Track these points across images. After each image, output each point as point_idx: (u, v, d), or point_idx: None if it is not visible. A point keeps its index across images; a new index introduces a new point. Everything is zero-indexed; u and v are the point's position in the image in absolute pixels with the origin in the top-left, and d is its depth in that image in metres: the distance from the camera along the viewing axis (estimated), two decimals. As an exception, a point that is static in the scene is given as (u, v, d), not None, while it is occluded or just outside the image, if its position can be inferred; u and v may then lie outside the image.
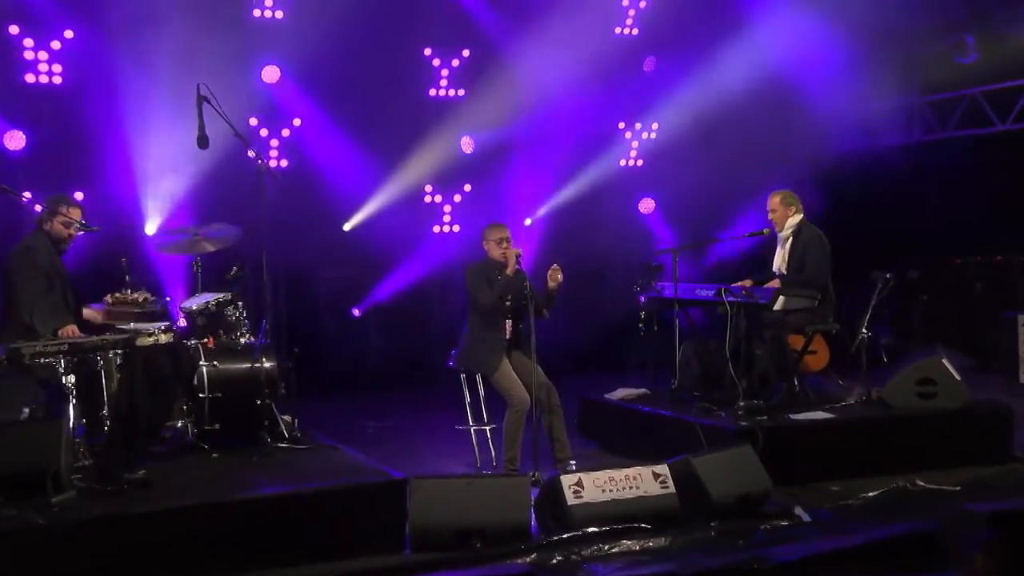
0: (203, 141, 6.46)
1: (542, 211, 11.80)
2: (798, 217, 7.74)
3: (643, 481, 5.99)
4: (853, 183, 11.61)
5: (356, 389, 10.78)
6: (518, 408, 6.81)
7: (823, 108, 11.29)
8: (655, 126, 12.36)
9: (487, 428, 7.26)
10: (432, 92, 11.32)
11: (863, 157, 11.71)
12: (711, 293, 7.61)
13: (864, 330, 7.52)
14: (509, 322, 7.06)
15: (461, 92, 11.37)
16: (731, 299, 7.37)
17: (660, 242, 12.48)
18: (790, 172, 10.95)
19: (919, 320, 11.71)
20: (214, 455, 6.30)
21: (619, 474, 5.98)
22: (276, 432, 6.48)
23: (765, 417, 6.94)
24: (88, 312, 6.41)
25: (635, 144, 12.42)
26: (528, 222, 11.83)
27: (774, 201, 7.73)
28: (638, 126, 12.42)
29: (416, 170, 11.16)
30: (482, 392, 7.16)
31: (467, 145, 11.48)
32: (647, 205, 12.73)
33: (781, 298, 7.25)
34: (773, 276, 7.83)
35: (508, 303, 7.01)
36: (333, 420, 8.63)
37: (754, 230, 8.02)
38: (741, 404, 7.09)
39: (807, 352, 7.88)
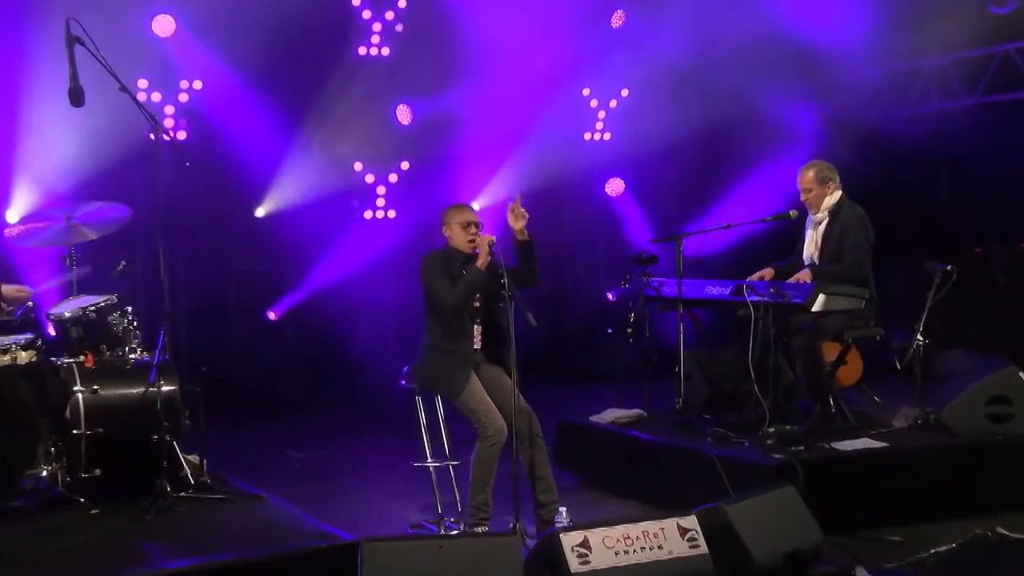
0: (76, 96, 5.50)
1: (490, 194, 11.34)
2: (837, 195, 6.99)
3: (667, 539, 5.08)
4: (858, 159, 10.84)
5: (273, 411, 10.19)
6: (493, 440, 5.95)
7: (828, 70, 10.98)
8: (625, 92, 12.02)
9: (451, 464, 6.36)
10: (362, 51, 10.89)
11: (870, 128, 11.22)
12: (727, 291, 6.86)
13: (919, 337, 6.81)
14: (479, 327, 6.22)
15: (395, 51, 10.95)
16: (755, 298, 6.59)
17: (631, 229, 12.11)
18: (790, 146, 10.82)
19: (934, 317, 10.93)
20: (94, 512, 5.56)
21: (635, 530, 5.07)
22: (179, 478, 5.79)
23: (802, 447, 6.19)
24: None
25: (601, 114, 12.09)
26: (475, 207, 10.85)
27: (807, 177, 6.97)
28: (603, 94, 12.07)
29: (343, 145, 10.77)
30: (441, 413, 6.36)
31: (404, 115, 11.11)
32: (615, 186, 12.39)
33: (821, 297, 6.45)
34: (799, 265, 7.07)
35: (477, 303, 6.17)
36: (246, 452, 8.22)
37: (776, 212, 7.28)
38: (771, 430, 6.33)
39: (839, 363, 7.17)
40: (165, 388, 5.81)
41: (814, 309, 6.43)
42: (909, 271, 8.07)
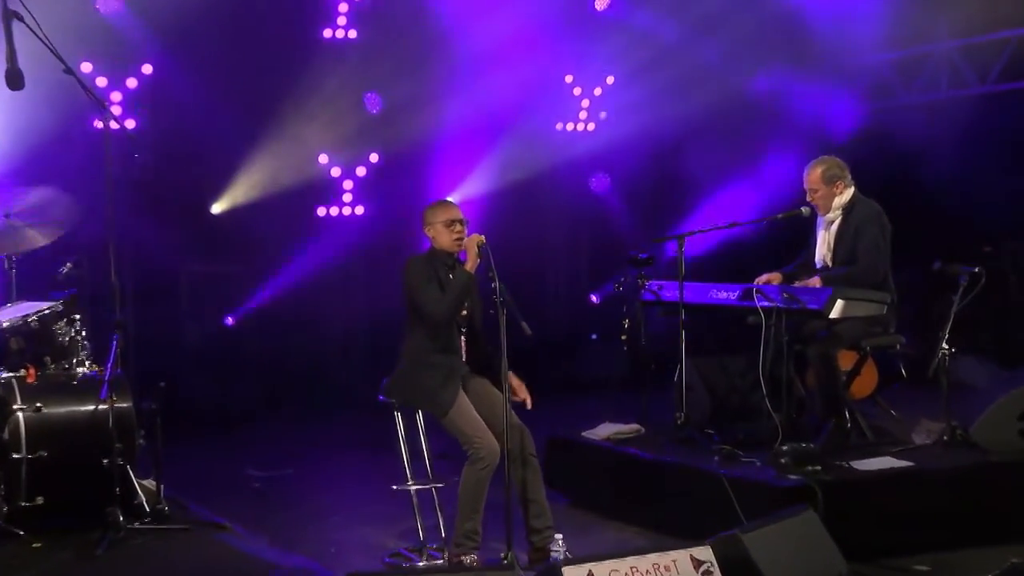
0: (14, 78, 5.27)
1: (467, 189, 11.30)
2: (848, 192, 6.84)
3: (680, 572, 4.88)
4: (862, 152, 10.76)
5: (231, 426, 10.05)
6: (485, 462, 5.73)
7: (831, 55, 11.04)
8: (610, 80, 11.95)
9: (433, 487, 6.16)
10: (327, 33, 10.74)
11: (874, 119, 11.29)
12: (734, 295, 6.70)
13: (945, 346, 6.66)
14: (464, 338, 6.06)
15: (364, 34, 10.82)
16: (766, 304, 6.43)
17: (617, 227, 12.03)
18: (791, 137, 10.72)
19: (943, 322, 10.86)
20: (36, 545, 5.41)
21: (644, 562, 4.85)
22: (133, 507, 5.63)
23: (819, 467, 6.02)
24: None
25: (585, 103, 12.01)
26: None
27: (813, 176, 6.83)
28: (587, 81, 12.00)
29: (307, 135, 10.61)
30: (422, 428, 6.19)
31: (373, 103, 10.97)
32: (600, 181, 12.33)
33: (840, 302, 6.27)
34: (810, 269, 6.98)
35: (464, 311, 6.01)
36: (203, 473, 8.04)
37: (786, 210, 7.06)
38: (784, 448, 6.12)
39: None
40: (118, 405, 5.61)
41: (832, 315, 6.27)
42: (910, 271, 8.00)
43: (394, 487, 6.16)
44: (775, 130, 11.03)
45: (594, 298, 12.02)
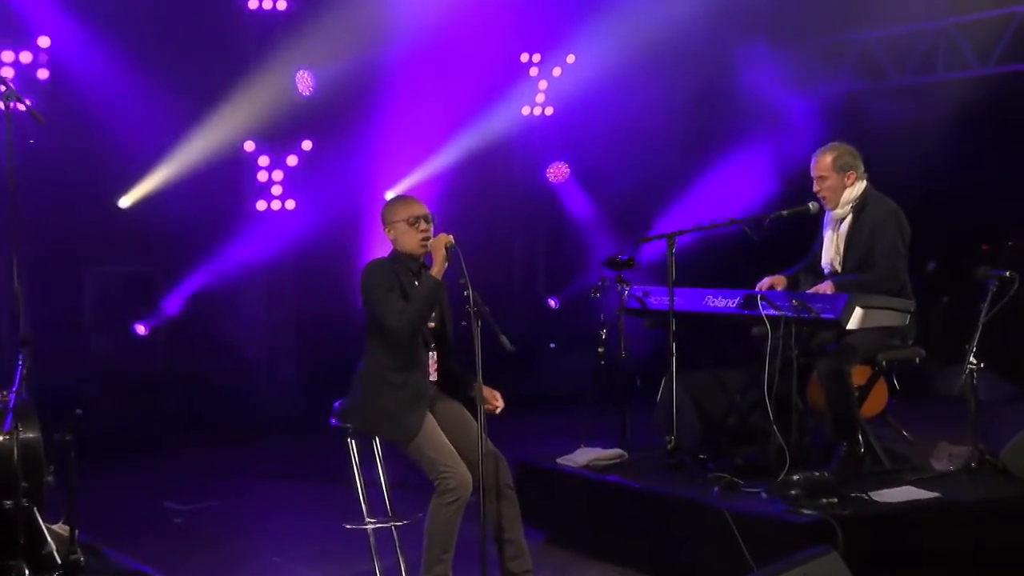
0: None
1: (412, 180, 11.35)
2: (860, 186, 6.65)
3: None
4: (849, 139, 10.77)
5: (143, 451, 9.88)
6: (455, 494, 5.54)
7: (816, 32, 11.14)
8: (571, 59, 11.99)
9: (393, 525, 5.95)
10: (253, 3, 10.69)
11: (862, 103, 11.30)
12: (734, 303, 6.47)
13: (973, 360, 6.48)
14: (434, 354, 5.85)
15: (295, 5, 10.77)
16: (772, 313, 6.18)
17: (578, 223, 12.12)
18: (770, 124, 10.93)
19: (937, 329, 10.92)
20: None
21: None
22: (41, 557, 5.36)
23: (835, 499, 5.77)
24: None
25: (543, 84, 12.06)
26: (391, 195, 11.02)
27: (823, 163, 6.62)
28: (545, 60, 12.06)
29: (230, 119, 10.50)
30: (379, 455, 5.98)
31: (305, 83, 10.90)
32: (559, 171, 12.37)
33: (858, 311, 6.06)
34: (817, 273, 6.78)
35: (432, 323, 5.82)
36: (115, 508, 7.88)
37: (795, 206, 6.77)
38: (795, 478, 5.89)
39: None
40: (24, 436, 5.35)
41: (850, 326, 6.07)
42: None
43: (347, 525, 5.99)
44: (755, 115, 11.09)
45: (552, 302, 12.06)
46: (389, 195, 11.17)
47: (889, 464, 6.52)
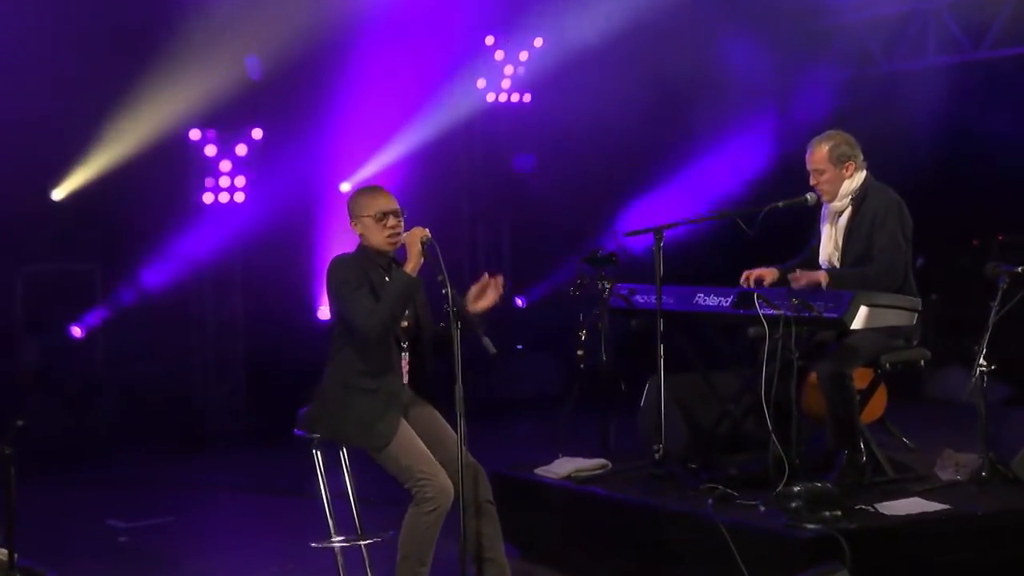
0: None
1: (370, 170, 11.36)
2: (860, 176, 6.56)
3: None
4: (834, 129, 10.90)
5: (83, 463, 9.83)
6: (434, 504, 5.45)
7: (801, 16, 11.14)
8: (539, 43, 11.96)
9: (363, 544, 5.88)
10: None
11: (848, 90, 11.38)
12: (727, 301, 6.39)
13: (983, 363, 6.44)
14: (407, 355, 5.74)
15: None
16: (770, 312, 6.05)
17: (546, 217, 12.07)
18: (752, 111, 11.05)
19: (927, 329, 10.91)
20: None
21: None
22: None
23: (840, 512, 5.66)
24: None
25: (509, 69, 12.01)
26: (346, 187, 11.35)
27: (819, 155, 6.53)
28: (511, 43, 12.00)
29: (175, 105, 10.44)
30: (346, 466, 5.87)
31: (255, 67, 10.80)
32: (526, 162, 12.37)
33: (863, 310, 5.96)
34: (813, 268, 6.65)
35: (405, 323, 5.68)
36: (52, 525, 7.84)
37: (791, 198, 6.65)
38: (795, 489, 5.76)
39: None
40: None
41: (854, 326, 5.98)
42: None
43: (313, 544, 5.90)
44: (737, 104, 11.16)
45: (519, 301, 12.02)
46: (345, 187, 11.30)
47: (892, 474, 6.46)
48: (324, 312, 11.06)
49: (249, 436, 10.45)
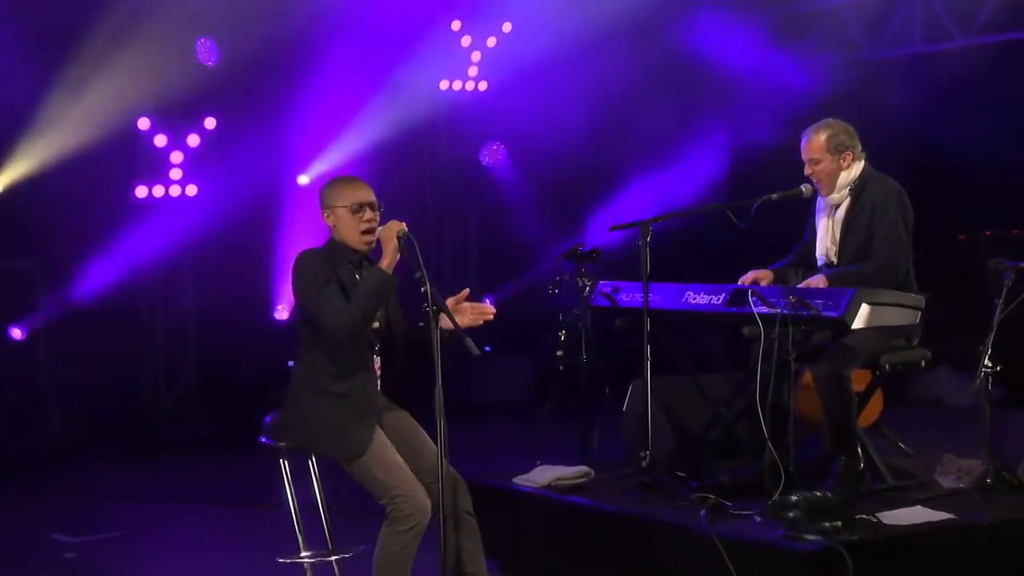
0: None
1: (329, 162, 11.35)
2: (858, 167, 6.55)
3: None
4: (818, 119, 10.88)
5: (22, 472, 9.76)
6: (411, 521, 5.36)
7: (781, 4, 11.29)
8: (507, 27, 12.00)
9: (334, 560, 5.77)
10: None
11: (832, 78, 11.28)
12: (720, 299, 6.32)
13: (988, 363, 6.33)
14: (378, 358, 5.66)
15: None
16: (765, 310, 6.01)
17: (514, 211, 12.10)
18: (732, 100, 11.12)
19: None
20: None
21: None
22: None
23: (840, 522, 5.60)
24: None
25: (476, 56, 12.05)
26: (305, 180, 11.43)
27: (815, 144, 6.52)
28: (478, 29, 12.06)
29: (121, 92, 10.35)
30: (315, 476, 5.78)
31: (208, 52, 10.80)
32: (494, 153, 12.49)
33: (864, 308, 5.89)
34: (810, 267, 6.73)
35: (378, 323, 5.61)
36: None
37: (785, 189, 6.62)
38: (792, 498, 5.72)
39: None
40: None
41: (855, 325, 5.93)
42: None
43: (281, 559, 5.82)
44: (715, 91, 11.26)
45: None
46: (303, 180, 11.31)
47: (892, 481, 6.43)
48: (282, 312, 11.06)
49: (203, 443, 10.39)
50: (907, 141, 11.60)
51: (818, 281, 6.28)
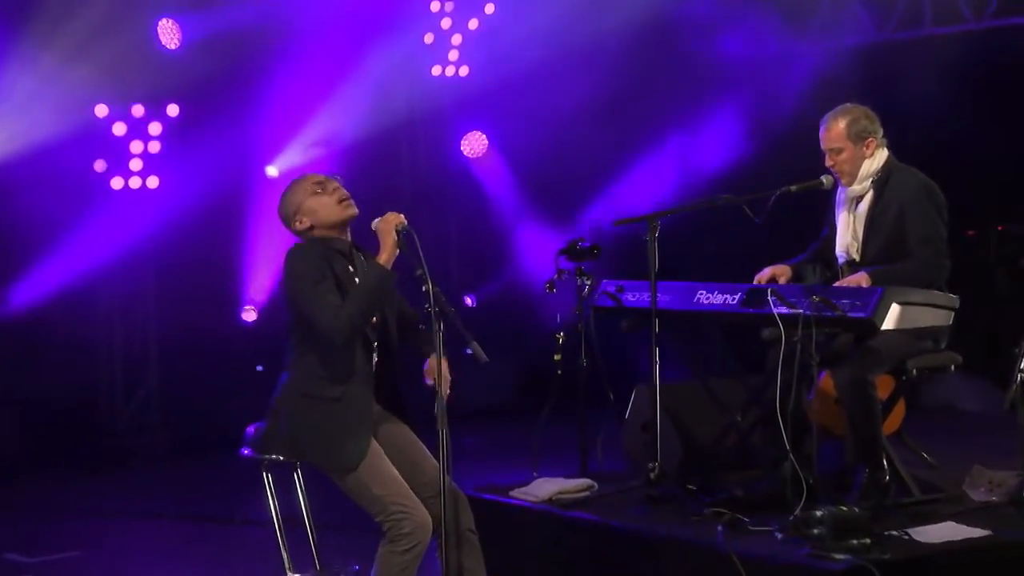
0: None
1: (301, 152, 11.37)
2: (881, 156, 6.54)
3: None
4: (819, 107, 10.83)
5: None
6: (411, 541, 5.29)
7: None
8: (490, 9, 11.99)
9: None
10: None
11: (836, 63, 11.26)
12: (735, 299, 6.30)
13: (1022, 367, 6.18)
14: (375, 358, 5.62)
15: None
16: (785, 311, 5.97)
17: (498, 204, 12.15)
18: (731, 85, 11.08)
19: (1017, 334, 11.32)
20: None
21: None
22: None
23: (869, 539, 5.56)
24: None
25: (457, 39, 12.04)
26: (274, 171, 11.35)
27: (835, 131, 6.49)
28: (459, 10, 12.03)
29: (76, 78, 10.26)
30: (301, 491, 5.72)
31: (170, 35, 10.72)
32: (475, 143, 12.44)
33: (895, 308, 5.87)
34: (829, 264, 6.71)
35: (375, 320, 5.54)
36: None
37: (803, 181, 6.60)
38: (817, 514, 5.67)
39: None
40: None
41: (885, 327, 5.88)
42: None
43: None
44: (713, 76, 11.21)
45: (469, 300, 12.03)
46: (272, 171, 11.23)
47: (919, 494, 6.39)
48: (249, 312, 10.95)
49: (166, 454, 10.31)
50: (913, 129, 11.61)
51: (860, 279, 6.23)
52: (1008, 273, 11.65)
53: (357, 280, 5.45)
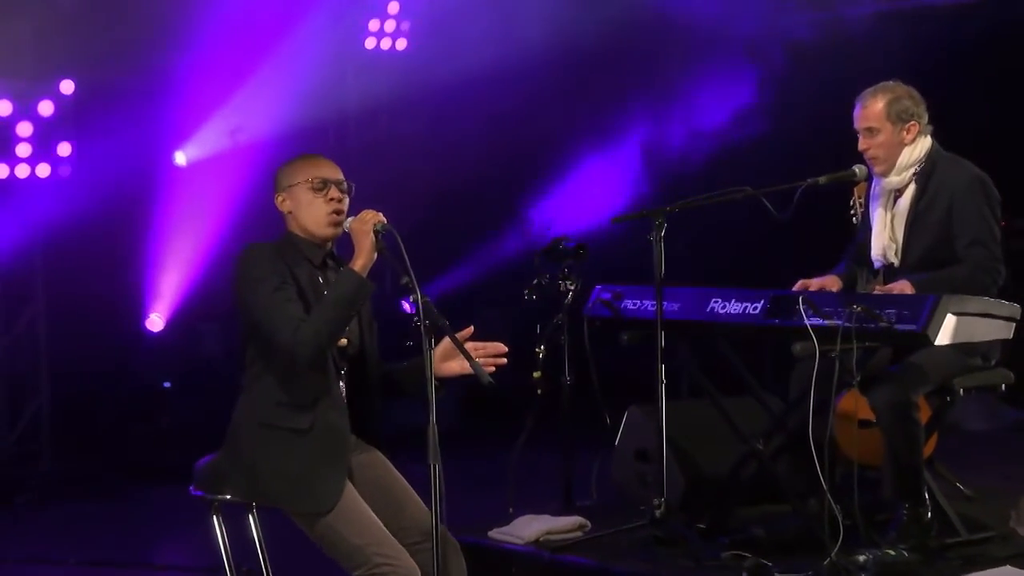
0: None
1: (217, 135, 11.40)
2: (924, 144, 6.43)
3: None
4: (795, 84, 11.48)
5: None
6: None
7: None
8: None
9: None
10: None
11: (813, 36, 11.51)
12: (757, 308, 6.18)
13: None
14: (343, 383, 5.41)
15: None
16: (819, 322, 5.87)
17: (441, 197, 12.10)
18: (711, 62, 11.18)
19: None
20: None
21: None
22: None
23: None
24: None
25: (394, 7, 12.17)
26: (182, 159, 11.41)
27: (873, 110, 6.41)
28: None
29: None
30: (257, 533, 5.51)
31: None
32: (414, 126, 12.66)
33: (950, 319, 5.71)
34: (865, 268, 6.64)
35: (345, 338, 5.33)
36: None
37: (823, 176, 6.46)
38: (861, 559, 5.72)
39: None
40: None
41: (939, 341, 5.74)
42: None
43: None
44: (690, 50, 11.25)
45: (407, 306, 11.92)
46: (180, 158, 11.21)
47: (966, 533, 6.35)
48: (155, 323, 10.76)
49: (57, 489, 9.99)
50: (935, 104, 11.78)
51: (903, 286, 6.13)
52: (1010, 274, 11.92)
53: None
